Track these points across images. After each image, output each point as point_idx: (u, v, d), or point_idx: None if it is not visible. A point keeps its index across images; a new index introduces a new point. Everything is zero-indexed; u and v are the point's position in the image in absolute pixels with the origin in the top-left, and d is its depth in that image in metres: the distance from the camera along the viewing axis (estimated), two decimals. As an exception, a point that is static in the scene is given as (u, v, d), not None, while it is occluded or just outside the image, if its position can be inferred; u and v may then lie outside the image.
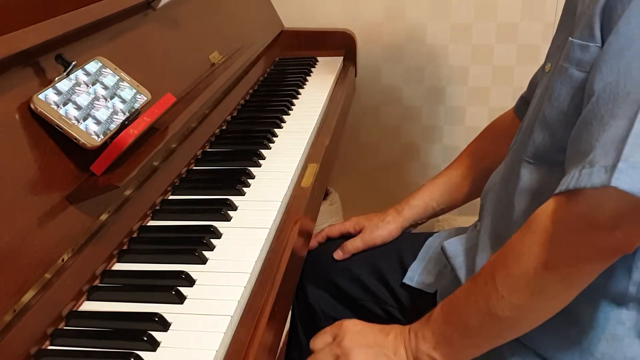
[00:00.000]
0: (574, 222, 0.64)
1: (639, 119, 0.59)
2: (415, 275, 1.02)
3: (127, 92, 0.85)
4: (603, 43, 0.67)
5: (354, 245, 1.07)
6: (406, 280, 1.02)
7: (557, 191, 0.64)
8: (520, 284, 0.68)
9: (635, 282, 0.72)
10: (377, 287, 1.06)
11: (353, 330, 0.82)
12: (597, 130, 0.62)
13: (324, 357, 0.82)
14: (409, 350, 0.78)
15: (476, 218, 0.96)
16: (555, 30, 0.85)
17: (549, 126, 0.76)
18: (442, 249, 0.95)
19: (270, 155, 1.07)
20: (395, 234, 1.10)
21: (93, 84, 0.81)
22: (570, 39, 0.72)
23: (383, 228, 1.09)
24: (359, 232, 1.10)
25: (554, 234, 0.65)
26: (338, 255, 1.08)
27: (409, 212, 1.10)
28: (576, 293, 0.68)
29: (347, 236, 1.10)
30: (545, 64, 0.85)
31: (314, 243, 1.12)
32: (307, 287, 1.08)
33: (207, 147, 1.09)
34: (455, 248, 0.93)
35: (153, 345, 0.63)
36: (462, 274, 0.89)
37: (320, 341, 0.85)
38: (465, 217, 1.52)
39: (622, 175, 0.57)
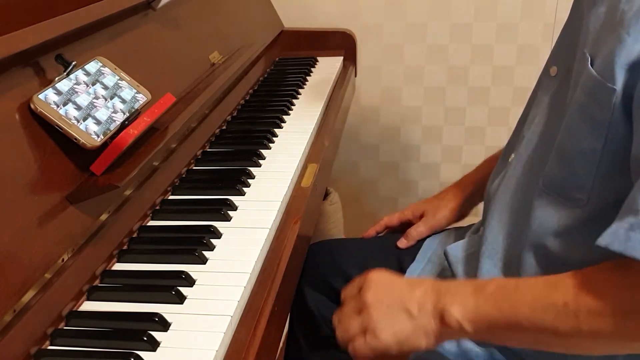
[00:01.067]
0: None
1: None
2: (412, 276, 1.01)
3: (127, 92, 0.85)
4: (626, 90, 0.65)
5: (417, 231, 1.05)
6: None
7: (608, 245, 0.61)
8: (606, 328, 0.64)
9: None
10: None
11: (377, 282, 0.78)
12: None
13: (347, 309, 0.78)
14: (438, 309, 0.72)
15: (475, 218, 0.96)
16: (556, 28, 0.83)
17: (566, 160, 0.73)
18: (445, 254, 0.95)
19: (270, 155, 1.07)
20: (459, 213, 1.06)
21: (93, 84, 0.81)
22: (591, 71, 0.69)
23: (445, 208, 1.05)
24: (420, 218, 1.07)
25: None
26: (402, 243, 1.05)
27: (471, 186, 1.06)
28: None
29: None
30: (549, 65, 0.83)
31: (372, 232, 1.11)
32: (305, 290, 1.08)
33: (207, 147, 1.09)
34: (456, 253, 0.92)
35: (153, 345, 0.63)
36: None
37: (348, 292, 0.81)
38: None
39: None
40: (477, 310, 0.70)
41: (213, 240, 0.81)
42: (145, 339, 0.63)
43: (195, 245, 0.79)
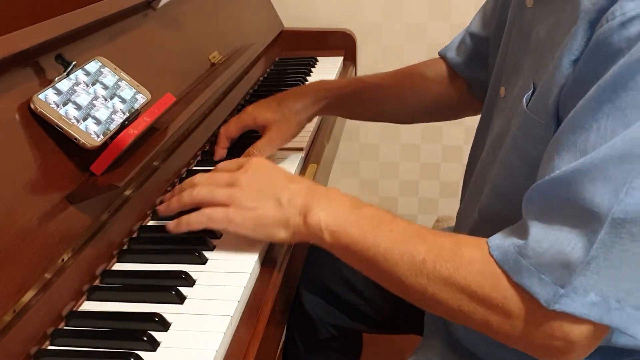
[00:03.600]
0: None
1: None
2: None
3: (127, 92, 0.85)
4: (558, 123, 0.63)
5: (260, 150, 0.98)
6: None
7: None
8: (449, 279, 0.63)
9: (606, 340, 0.70)
10: (371, 291, 1.04)
11: (258, 166, 0.76)
12: None
13: (220, 177, 0.76)
14: (306, 206, 0.71)
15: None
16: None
17: (499, 195, 0.73)
18: None
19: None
20: (306, 124, 1.02)
21: (93, 84, 0.81)
22: (524, 108, 0.67)
23: (292, 121, 1.00)
24: (263, 128, 1.00)
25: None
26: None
27: (326, 99, 1.02)
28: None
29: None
30: (497, 84, 0.81)
31: (221, 152, 1.01)
32: (302, 293, 1.07)
33: (207, 147, 1.09)
34: None
35: (153, 345, 0.63)
36: None
37: (225, 165, 0.80)
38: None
39: None
40: (343, 225, 0.69)
41: (213, 240, 0.81)
42: (145, 339, 0.63)
43: (195, 245, 0.79)
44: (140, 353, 0.62)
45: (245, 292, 0.72)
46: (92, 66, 0.83)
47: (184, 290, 0.71)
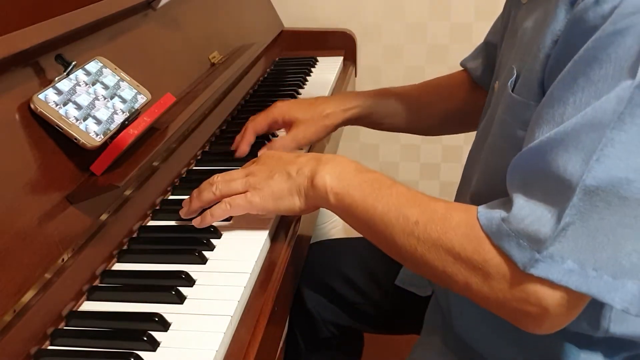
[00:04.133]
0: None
1: None
2: (407, 278, 1.01)
3: (127, 92, 0.85)
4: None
5: (282, 144, 1.01)
6: (398, 282, 1.01)
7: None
8: (438, 241, 0.65)
9: (603, 330, 0.71)
10: (372, 290, 1.05)
11: (267, 155, 0.82)
12: None
13: (235, 172, 0.81)
14: (313, 172, 0.75)
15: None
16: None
17: (490, 178, 0.74)
18: None
19: (270, 155, 1.07)
20: (331, 131, 1.05)
21: (93, 84, 0.81)
22: (509, 92, 0.70)
23: (317, 124, 1.02)
24: (289, 125, 1.03)
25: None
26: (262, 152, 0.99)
27: (353, 109, 1.04)
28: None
29: None
30: (493, 80, 0.84)
31: (244, 148, 1.02)
32: (304, 292, 1.08)
33: (207, 147, 1.09)
34: None
35: (153, 345, 0.63)
36: None
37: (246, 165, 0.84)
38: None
39: None
40: (346, 187, 0.73)
41: (213, 240, 0.81)
42: (145, 339, 0.63)
43: (195, 245, 0.79)
44: (140, 353, 0.62)
45: (245, 292, 0.72)
46: (92, 66, 0.83)
47: (184, 290, 0.71)
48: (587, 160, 0.56)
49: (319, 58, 1.60)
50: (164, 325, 0.66)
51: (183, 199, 0.92)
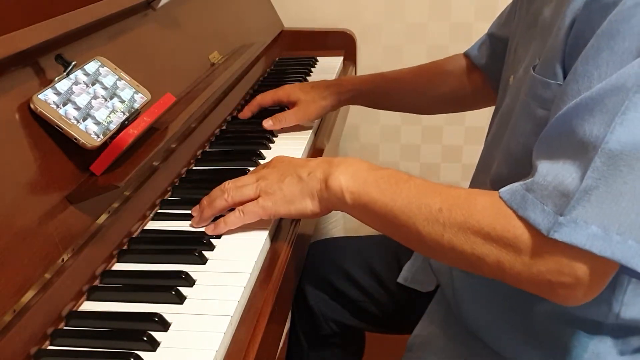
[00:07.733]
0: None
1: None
2: (409, 275, 1.01)
3: (126, 92, 0.85)
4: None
5: (285, 119, 1.12)
6: (400, 280, 1.02)
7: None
8: (463, 227, 0.65)
9: (614, 314, 0.72)
10: (374, 288, 1.05)
11: (277, 160, 0.83)
12: None
13: (246, 178, 0.82)
14: (326, 174, 0.76)
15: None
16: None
17: (512, 159, 0.75)
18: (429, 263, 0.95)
19: (270, 155, 1.06)
20: (330, 111, 1.18)
21: (93, 84, 0.81)
22: (532, 73, 0.71)
23: (318, 104, 1.14)
24: (293, 104, 1.15)
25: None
26: (268, 124, 1.11)
27: (351, 92, 1.17)
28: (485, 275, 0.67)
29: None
30: (508, 74, 0.84)
31: (247, 113, 1.17)
32: (306, 289, 1.08)
33: (207, 147, 1.09)
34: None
35: (153, 345, 0.63)
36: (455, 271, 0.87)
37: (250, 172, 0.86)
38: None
39: None
40: (362, 185, 0.73)
41: (213, 240, 0.81)
42: (145, 339, 0.63)
43: (195, 245, 0.79)
44: (140, 353, 0.62)
45: (245, 292, 0.72)
46: (92, 66, 0.83)
47: (183, 290, 0.71)
48: (609, 122, 0.57)
49: (318, 58, 1.60)
50: (163, 325, 0.66)
51: (183, 199, 0.92)
